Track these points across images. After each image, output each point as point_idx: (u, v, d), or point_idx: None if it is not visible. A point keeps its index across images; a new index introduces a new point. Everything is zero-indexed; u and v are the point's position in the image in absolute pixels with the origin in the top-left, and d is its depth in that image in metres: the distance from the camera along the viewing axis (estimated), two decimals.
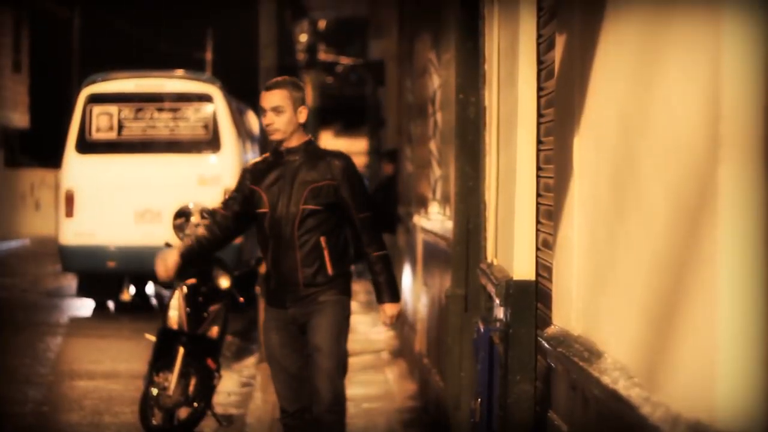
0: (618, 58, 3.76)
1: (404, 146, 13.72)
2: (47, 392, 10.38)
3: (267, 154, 6.23)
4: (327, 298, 6.06)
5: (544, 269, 5.33)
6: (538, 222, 5.53)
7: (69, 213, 16.06)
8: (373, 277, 6.19)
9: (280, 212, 6.04)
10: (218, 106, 16.39)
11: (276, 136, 6.06)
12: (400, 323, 12.76)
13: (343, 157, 6.17)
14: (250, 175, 6.20)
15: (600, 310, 3.99)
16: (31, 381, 10.94)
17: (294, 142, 6.11)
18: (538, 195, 5.50)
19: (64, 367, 11.88)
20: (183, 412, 8.30)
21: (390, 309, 6.17)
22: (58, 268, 18.22)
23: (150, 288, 17.87)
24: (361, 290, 17.07)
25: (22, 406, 9.68)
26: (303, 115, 6.08)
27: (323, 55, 34.64)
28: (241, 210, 6.23)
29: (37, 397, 10.06)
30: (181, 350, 8.16)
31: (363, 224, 6.11)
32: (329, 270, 6.04)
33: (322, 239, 6.03)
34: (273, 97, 6.04)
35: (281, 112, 6.03)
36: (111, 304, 16.88)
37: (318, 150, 6.17)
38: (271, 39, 17.01)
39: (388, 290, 6.15)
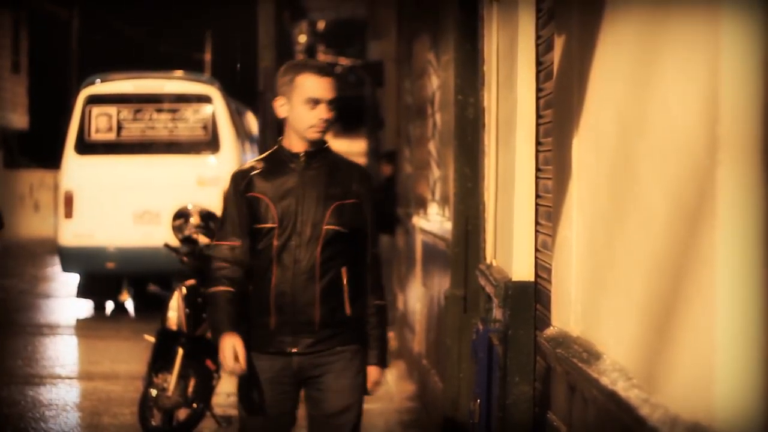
0: (616, 59, 3.76)
1: (403, 147, 13.72)
2: (46, 393, 10.37)
3: (263, 156, 4.97)
4: (345, 348, 4.85)
5: (543, 270, 5.33)
6: (537, 223, 5.53)
7: (68, 214, 16.06)
8: (365, 327, 4.93)
9: (298, 231, 4.76)
10: (217, 107, 16.39)
11: (320, 136, 4.82)
12: (399, 325, 12.76)
13: (367, 173, 5.04)
14: (247, 182, 4.84)
15: (599, 311, 3.99)
16: (29, 382, 10.94)
17: (317, 145, 4.87)
18: (537, 196, 5.50)
19: (62, 368, 11.87)
20: (182, 413, 8.29)
21: (376, 374, 4.96)
22: (57, 268, 18.21)
23: (149, 289, 17.86)
24: None
25: (21, 407, 9.67)
26: None
27: (322, 56, 34.64)
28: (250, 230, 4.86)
29: (36, 399, 10.05)
30: (181, 351, 8.16)
31: (373, 262, 4.97)
32: (347, 309, 4.83)
33: (343, 270, 4.82)
34: (332, 87, 4.80)
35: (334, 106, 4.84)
36: (110, 305, 16.88)
37: (339, 159, 4.96)
38: (270, 40, 16.99)
39: (378, 351, 4.95)
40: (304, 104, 4.73)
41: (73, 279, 17.12)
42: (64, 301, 17.83)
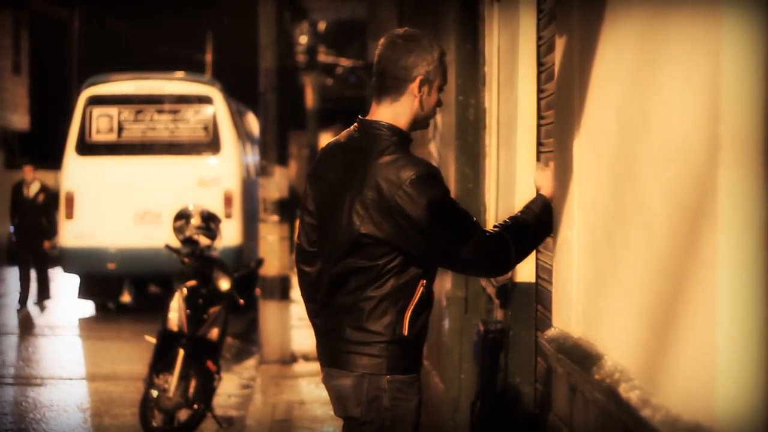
0: (617, 59, 3.76)
1: None
2: (47, 394, 10.37)
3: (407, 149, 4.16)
4: None
5: (544, 271, 5.33)
6: None
7: (69, 215, 16.07)
8: None
9: None
10: (218, 108, 16.40)
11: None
12: None
13: None
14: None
15: (600, 312, 3.99)
16: (31, 383, 10.94)
17: None
18: None
19: (63, 369, 11.87)
20: (183, 414, 8.30)
21: None
22: (58, 269, 18.21)
23: (150, 290, 17.87)
24: None
25: (22, 408, 9.67)
26: None
27: (323, 57, 34.64)
28: None
29: (37, 399, 10.05)
30: (182, 352, 8.16)
31: None
32: None
33: None
34: None
35: None
36: (111, 306, 16.88)
37: None
38: (271, 41, 16.98)
39: None
40: (438, 91, 4.21)
41: (75, 279, 17.12)
42: (65, 301, 17.83)
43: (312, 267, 4.34)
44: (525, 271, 5.62)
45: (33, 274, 17.31)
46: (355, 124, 4.26)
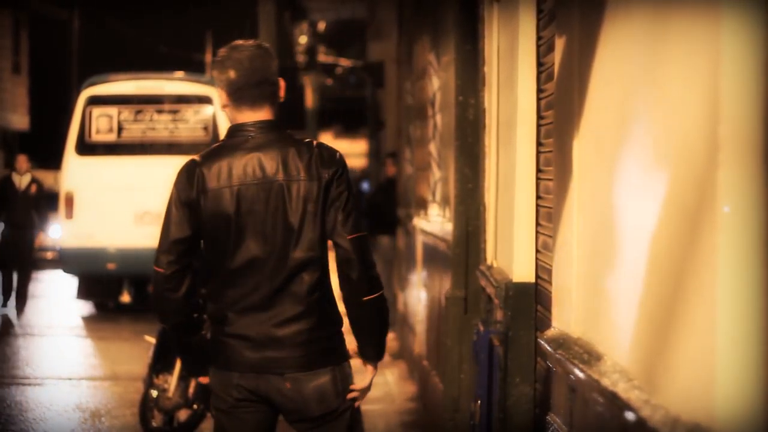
0: (617, 60, 3.76)
1: (404, 148, 13.72)
2: (47, 394, 10.37)
3: None
4: None
5: (543, 271, 5.33)
6: (537, 224, 5.52)
7: (68, 215, 16.07)
8: None
9: None
10: (218, 108, 16.39)
11: None
12: (400, 326, 12.75)
13: None
14: None
15: (600, 312, 3.99)
16: (31, 383, 10.94)
17: None
18: (538, 197, 5.50)
19: (63, 370, 11.87)
20: (183, 414, 8.30)
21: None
22: (54, 271, 18.21)
23: (149, 290, 17.84)
24: None
25: (22, 408, 9.68)
26: None
27: (323, 57, 34.63)
28: None
29: (37, 400, 10.05)
30: None
31: None
32: None
33: None
34: None
35: None
36: (111, 306, 16.87)
37: None
38: (271, 41, 17.00)
39: None
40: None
41: (74, 280, 17.11)
42: (65, 302, 17.82)
43: None
44: (525, 271, 5.62)
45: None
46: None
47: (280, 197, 4.18)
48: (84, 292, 16.86)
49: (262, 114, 4.29)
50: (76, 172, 16.21)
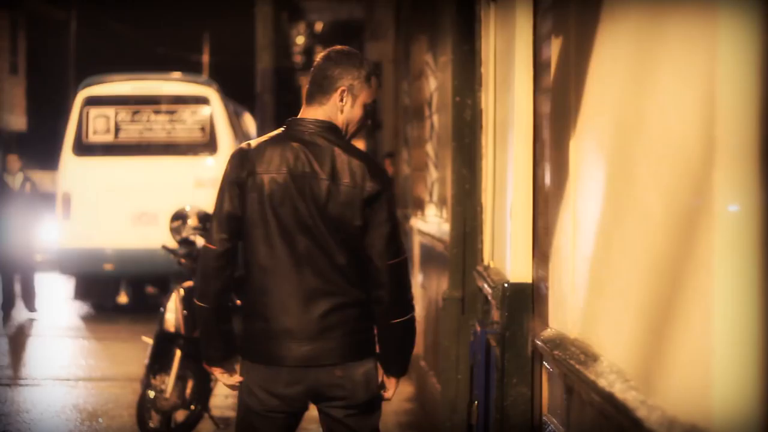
0: (614, 60, 3.76)
1: (401, 149, 13.72)
2: (44, 395, 10.37)
3: None
4: None
5: (540, 272, 5.33)
6: (534, 224, 5.52)
7: (66, 215, 16.05)
8: None
9: None
10: (215, 109, 16.39)
11: None
12: None
13: None
14: None
15: (596, 313, 3.99)
16: (28, 384, 10.94)
17: None
18: (535, 197, 5.50)
19: (60, 370, 11.86)
20: (180, 415, 8.30)
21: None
22: (49, 273, 18.22)
23: (147, 291, 17.85)
24: None
25: (19, 408, 9.67)
26: None
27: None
28: None
29: (34, 400, 10.05)
30: (178, 353, 8.15)
31: None
32: None
33: None
34: None
35: None
36: (108, 307, 16.87)
37: None
38: (268, 41, 16.99)
39: None
40: (363, 107, 4.54)
41: (71, 280, 17.11)
42: (62, 303, 17.82)
43: None
44: (521, 272, 5.62)
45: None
46: None
47: (323, 194, 4.25)
48: (81, 293, 16.85)
49: (321, 113, 4.37)
50: (74, 173, 16.19)
